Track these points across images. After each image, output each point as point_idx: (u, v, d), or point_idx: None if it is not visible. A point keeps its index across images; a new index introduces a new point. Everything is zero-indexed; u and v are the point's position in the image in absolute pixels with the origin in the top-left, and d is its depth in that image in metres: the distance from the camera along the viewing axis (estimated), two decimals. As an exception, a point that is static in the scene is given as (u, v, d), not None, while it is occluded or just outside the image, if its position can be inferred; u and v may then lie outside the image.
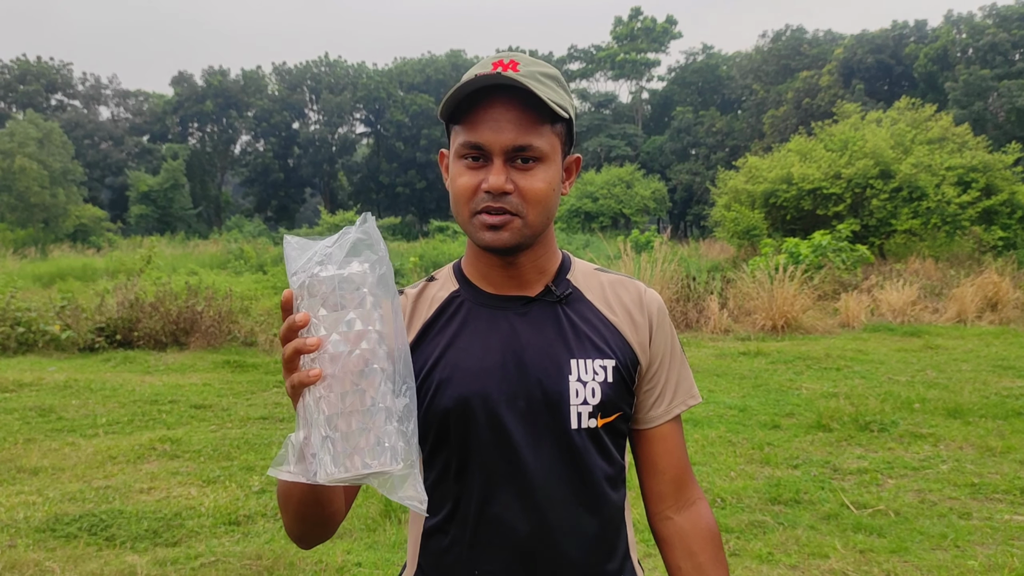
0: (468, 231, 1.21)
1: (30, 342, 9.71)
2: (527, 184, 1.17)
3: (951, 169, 20.23)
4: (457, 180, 1.19)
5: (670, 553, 1.31)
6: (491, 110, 1.16)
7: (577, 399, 1.22)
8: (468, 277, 1.31)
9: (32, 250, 29.49)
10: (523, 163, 1.17)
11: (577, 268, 1.34)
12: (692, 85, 58.99)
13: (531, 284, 1.28)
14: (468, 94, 1.15)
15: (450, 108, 1.17)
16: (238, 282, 17.61)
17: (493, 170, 1.16)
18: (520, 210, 1.18)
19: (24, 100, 55.73)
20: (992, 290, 11.91)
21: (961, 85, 39.40)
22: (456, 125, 1.20)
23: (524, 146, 1.16)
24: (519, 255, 1.25)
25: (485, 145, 1.16)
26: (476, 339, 1.25)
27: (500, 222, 1.17)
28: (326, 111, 61.33)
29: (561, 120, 1.20)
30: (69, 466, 5.29)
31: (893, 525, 4.15)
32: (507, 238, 1.18)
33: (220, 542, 4.06)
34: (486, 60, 1.20)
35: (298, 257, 0.97)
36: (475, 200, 1.18)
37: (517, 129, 1.15)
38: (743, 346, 9.67)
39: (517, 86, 1.13)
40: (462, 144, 1.18)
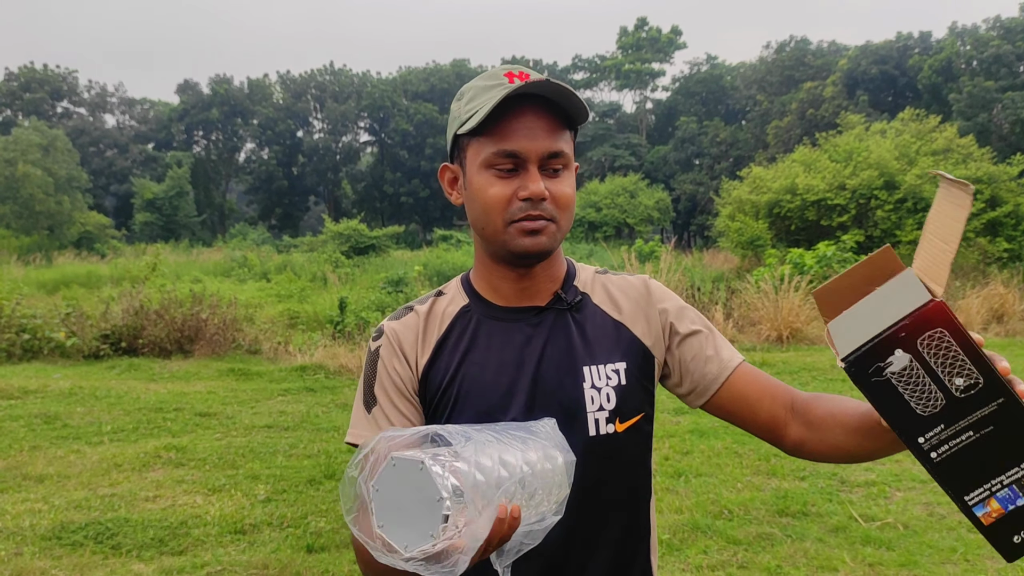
0: (500, 240, 1.21)
1: (35, 349, 9.72)
2: (559, 190, 1.19)
3: (956, 180, 20.21)
4: (488, 191, 1.19)
5: (819, 434, 1.19)
6: (523, 118, 1.16)
7: (593, 406, 1.23)
8: (478, 290, 1.31)
9: (37, 257, 29.55)
10: (554, 171, 1.19)
11: (582, 273, 1.35)
12: (696, 95, 59.06)
13: (542, 294, 1.29)
14: (501, 103, 1.15)
15: (482, 117, 1.16)
16: (242, 290, 17.61)
17: (531, 178, 1.17)
18: (555, 215, 1.19)
19: (30, 108, 55.96)
20: (998, 302, 11.88)
21: (965, 97, 39.41)
22: (479, 137, 1.19)
23: (557, 152, 1.18)
24: (537, 265, 1.26)
25: (521, 152, 1.16)
26: (491, 354, 1.26)
27: (540, 227, 1.18)
28: (330, 119, 61.49)
29: (573, 128, 1.23)
30: (74, 474, 5.29)
31: (902, 538, 4.13)
32: (545, 243, 1.20)
33: (226, 551, 4.05)
34: (493, 72, 1.21)
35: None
36: (511, 209, 1.18)
37: (550, 136, 1.17)
38: (748, 356, 9.61)
39: (548, 94, 1.16)
40: (494, 154, 1.17)
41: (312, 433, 6.42)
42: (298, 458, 5.71)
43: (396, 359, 1.28)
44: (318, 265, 22.85)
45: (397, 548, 0.90)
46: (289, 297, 16.22)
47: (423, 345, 1.29)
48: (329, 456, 5.69)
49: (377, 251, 28.16)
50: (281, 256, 28.34)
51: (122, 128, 62.63)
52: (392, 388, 1.27)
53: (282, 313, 13.30)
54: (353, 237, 28.27)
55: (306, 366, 9.09)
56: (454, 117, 1.24)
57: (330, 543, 4.16)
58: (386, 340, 1.29)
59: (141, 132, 62.07)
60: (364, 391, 1.29)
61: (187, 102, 59.78)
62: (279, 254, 30.15)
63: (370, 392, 1.28)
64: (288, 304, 14.65)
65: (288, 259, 25.95)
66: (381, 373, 1.28)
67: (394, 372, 1.27)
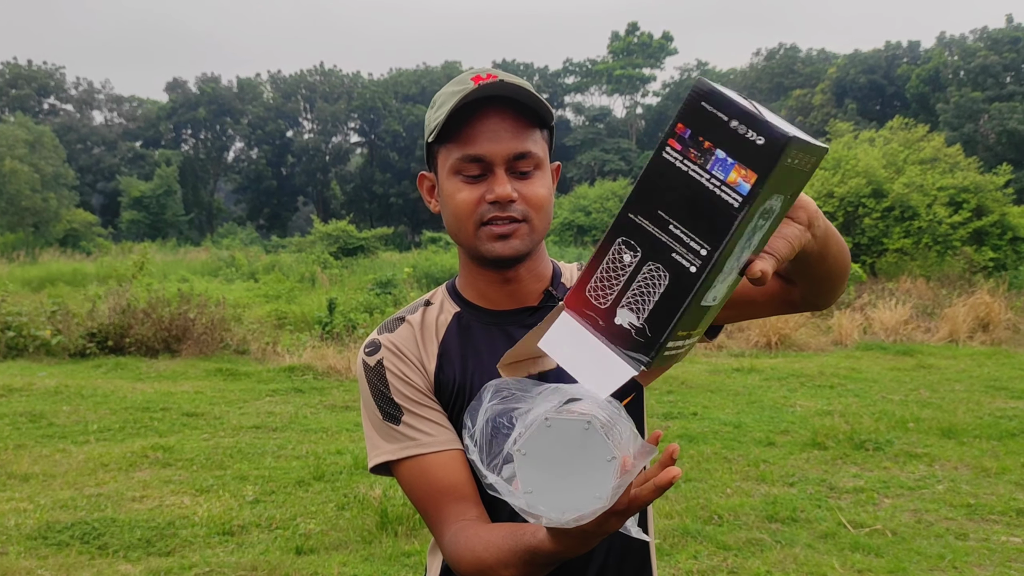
0: (474, 245, 1.20)
1: (20, 347, 9.63)
2: (530, 191, 1.17)
3: (943, 189, 20.35)
4: (456, 196, 1.18)
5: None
6: (487, 121, 1.15)
7: None
8: (467, 298, 1.30)
9: (20, 254, 29.32)
10: (523, 172, 1.17)
11: (566, 270, 1.35)
12: (686, 101, 59.26)
13: (532, 294, 1.28)
14: (459, 109, 1.14)
15: (443, 124, 1.15)
16: (230, 290, 17.53)
17: (497, 180, 1.15)
18: (527, 215, 1.18)
19: (16, 104, 55.56)
20: (984, 311, 11.95)
21: (952, 107, 39.75)
22: (446, 143, 1.18)
23: (524, 153, 1.16)
24: (519, 267, 1.25)
25: (486, 156, 1.15)
26: (494, 358, 1.24)
27: (509, 231, 1.17)
28: (320, 120, 61.37)
29: (547, 127, 1.21)
30: (60, 473, 5.25)
31: (890, 545, 4.15)
32: (517, 245, 1.18)
33: (214, 552, 4.03)
34: (461, 77, 1.20)
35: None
36: (479, 212, 1.17)
37: (515, 137, 1.15)
38: (737, 362, 9.68)
39: (509, 95, 1.14)
40: (459, 159, 1.16)
41: (300, 434, 6.39)
42: (286, 459, 5.68)
43: (406, 366, 1.24)
44: (306, 266, 22.77)
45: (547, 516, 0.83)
46: (277, 298, 16.14)
47: (426, 353, 1.26)
48: (318, 458, 5.67)
49: (366, 252, 28.09)
50: (269, 256, 28.23)
51: (110, 125, 62.32)
52: (413, 392, 1.23)
53: (270, 313, 13.24)
54: (342, 238, 28.20)
55: (294, 367, 9.05)
56: (426, 125, 1.23)
57: (319, 545, 4.14)
58: (387, 351, 1.26)
59: (129, 130, 61.75)
60: (380, 406, 1.24)
61: (175, 100, 59.55)
62: (267, 254, 30.04)
63: (390, 404, 1.23)
64: (276, 305, 14.58)
65: (276, 259, 25.85)
66: (394, 381, 1.24)
67: (407, 377, 1.24)
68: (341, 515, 4.54)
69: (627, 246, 0.84)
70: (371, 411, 1.25)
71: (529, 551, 0.98)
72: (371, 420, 1.25)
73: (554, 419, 0.84)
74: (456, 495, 1.17)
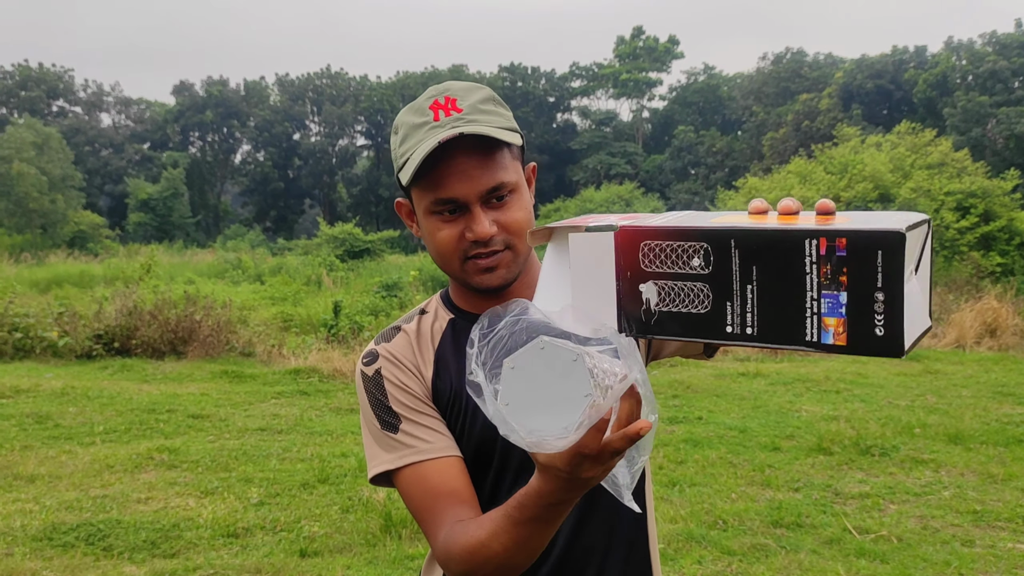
0: (461, 278, 1.22)
1: (27, 348, 9.67)
2: (508, 218, 1.18)
3: (950, 194, 20.30)
4: (437, 235, 1.18)
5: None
6: (454, 162, 1.14)
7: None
8: (461, 307, 1.31)
9: (27, 255, 29.44)
10: (498, 200, 1.17)
11: None
12: (693, 105, 59.26)
13: None
14: (426, 156, 1.12)
15: (412, 170, 1.13)
16: (236, 292, 17.57)
17: (475, 219, 1.15)
18: (509, 243, 1.18)
19: (25, 106, 55.85)
20: (991, 316, 11.90)
21: (960, 111, 39.62)
22: (417, 184, 1.17)
23: (496, 186, 1.16)
24: (511, 286, 1.25)
25: (459, 198, 1.15)
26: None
27: (494, 263, 1.18)
28: (327, 123, 61.51)
29: (515, 143, 1.21)
30: (66, 474, 5.26)
31: (896, 551, 4.13)
32: (504, 275, 1.20)
33: (219, 554, 4.03)
34: (419, 104, 1.18)
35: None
36: (462, 248, 1.18)
37: (485, 173, 1.15)
38: (742, 367, 9.65)
39: (472, 134, 1.11)
40: (433, 202, 1.16)
41: (305, 437, 6.40)
42: (291, 461, 5.68)
43: (402, 373, 1.26)
44: (312, 268, 22.82)
45: (513, 431, 0.84)
46: (283, 300, 16.18)
47: (423, 361, 1.27)
48: (322, 460, 5.67)
49: (372, 255, 28.13)
50: (275, 259, 28.30)
51: (118, 128, 62.56)
52: (411, 400, 1.24)
53: (276, 316, 13.27)
54: (348, 241, 28.25)
55: (300, 369, 9.06)
56: (392, 154, 1.22)
57: (323, 548, 4.14)
58: (384, 360, 1.27)
59: (137, 132, 61.99)
60: (378, 415, 1.25)
61: (183, 103, 59.75)
62: (273, 256, 30.11)
63: (387, 412, 1.24)
64: (282, 307, 14.62)
65: (282, 262, 25.92)
66: (392, 390, 1.25)
67: (405, 385, 1.25)
68: (345, 518, 4.54)
69: (706, 256, 0.83)
70: (370, 421, 1.26)
71: (518, 505, 0.98)
72: (370, 430, 1.26)
73: (548, 343, 0.84)
74: (454, 499, 1.16)
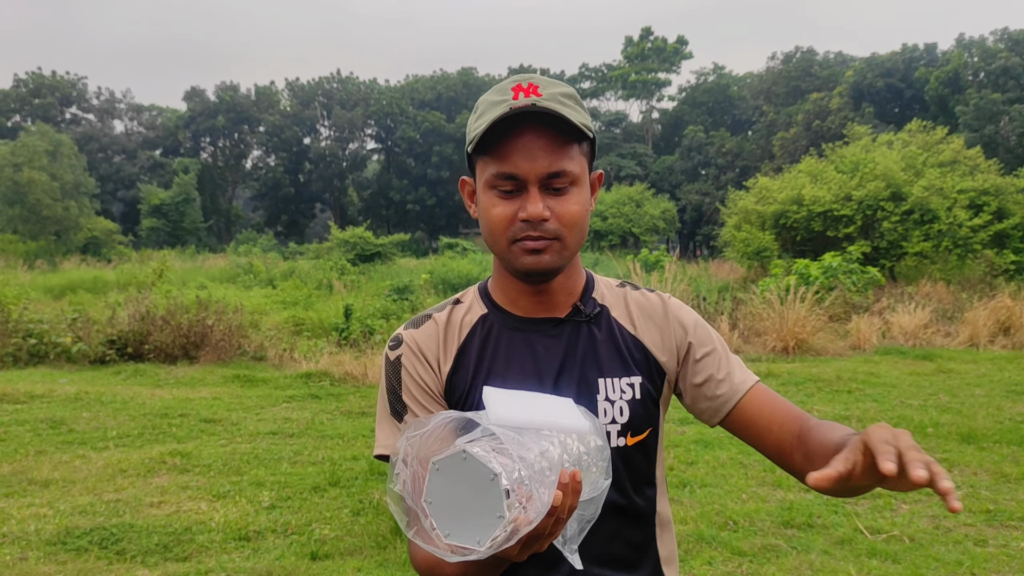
0: (507, 258, 1.21)
1: (41, 354, 9.74)
2: (563, 209, 1.18)
3: (963, 192, 20.18)
4: (492, 211, 1.19)
5: (813, 465, 1.12)
6: (522, 138, 1.15)
7: (605, 418, 1.23)
8: (496, 301, 1.32)
9: (41, 262, 29.65)
10: (557, 188, 1.17)
11: (601, 285, 1.35)
12: (703, 105, 59.16)
13: (560, 306, 1.29)
14: (496, 124, 1.14)
15: (479, 139, 1.16)
16: (248, 296, 17.65)
17: (530, 199, 1.16)
18: (559, 234, 1.18)
19: (39, 113, 56.28)
20: (1005, 314, 11.83)
21: (972, 109, 39.40)
22: (483, 156, 1.19)
23: (558, 172, 1.16)
24: (552, 280, 1.25)
25: (520, 175, 1.16)
26: (512, 364, 1.26)
27: (541, 247, 1.18)
28: (337, 127, 61.72)
29: (586, 139, 1.21)
30: (80, 479, 5.29)
31: (908, 551, 4.11)
32: (548, 261, 1.19)
33: (230, 558, 4.05)
34: (503, 85, 1.20)
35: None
36: (512, 229, 1.18)
37: (550, 156, 1.16)
38: (754, 367, 9.62)
39: (545, 112, 1.13)
40: (494, 175, 1.17)
41: (317, 440, 6.42)
42: (303, 465, 5.70)
43: (421, 365, 1.27)
44: (324, 272, 22.90)
45: (472, 547, 0.87)
46: (295, 304, 16.24)
47: (445, 353, 1.28)
48: (334, 463, 5.69)
49: (383, 259, 28.21)
50: (287, 263, 28.42)
51: (130, 134, 62.94)
52: (423, 394, 1.26)
53: (287, 320, 13.31)
54: (359, 244, 28.33)
55: (311, 373, 9.09)
56: (467, 131, 1.24)
57: (334, 550, 4.16)
58: (407, 348, 1.29)
59: (149, 138, 62.36)
60: (390, 400, 1.28)
61: (194, 109, 60.07)
62: (285, 261, 30.23)
63: (398, 400, 1.27)
64: (294, 311, 14.67)
65: (294, 266, 26.02)
66: (407, 381, 1.27)
67: (420, 379, 1.26)
68: (356, 521, 4.55)
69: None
70: (383, 402, 1.29)
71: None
72: (382, 409, 1.29)
73: (469, 455, 0.88)
74: None
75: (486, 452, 0.87)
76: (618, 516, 1.26)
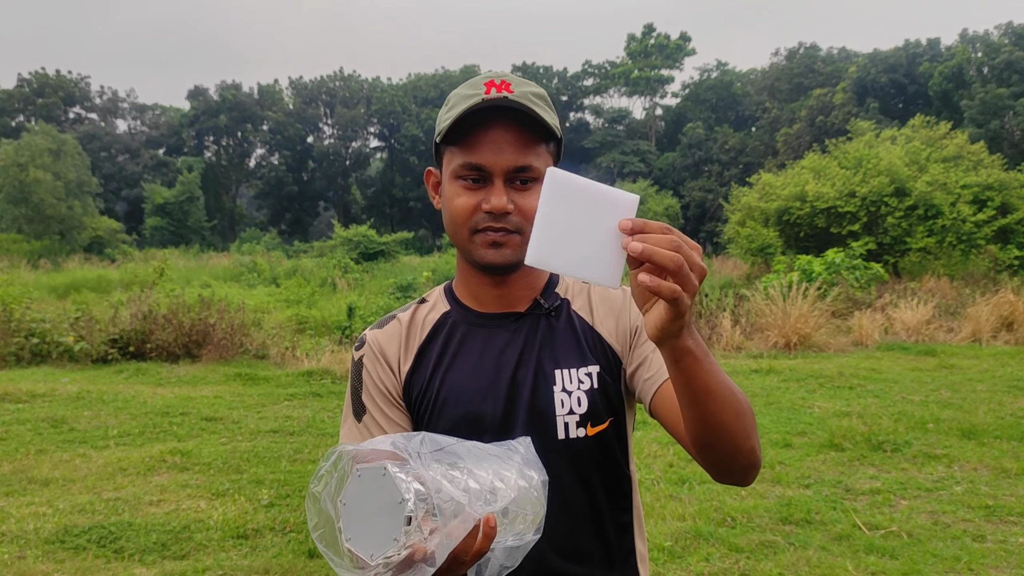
0: (467, 249, 1.22)
1: (44, 353, 9.76)
2: (527, 203, 1.19)
3: (967, 187, 20.12)
4: (455, 200, 1.20)
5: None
6: (491, 132, 1.17)
7: (563, 409, 1.23)
8: (459, 297, 1.34)
9: (46, 261, 29.72)
10: (522, 183, 1.19)
11: (567, 280, 1.34)
12: (706, 102, 59.01)
13: (520, 300, 1.30)
14: (467, 116, 1.16)
15: (449, 129, 1.18)
16: (251, 295, 17.68)
17: (494, 191, 1.17)
18: (521, 227, 1.19)
19: (42, 113, 56.32)
20: (1008, 310, 11.80)
21: (977, 103, 39.25)
22: (451, 146, 1.21)
23: (524, 166, 1.18)
24: (511, 274, 1.27)
25: (486, 166, 1.17)
26: (469, 359, 1.28)
27: (502, 239, 1.19)
28: (340, 125, 61.69)
29: (554, 139, 1.23)
30: (80, 477, 5.31)
31: (906, 547, 4.10)
32: (508, 255, 1.20)
33: (228, 556, 4.06)
34: (476, 80, 1.21)
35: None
36: (474, 219, 1.19)
37: (517, 151, 1.17)
38: (755, 363, 9.62)
39: (516, 107, 1.15)
40: (461, 165, 1.19)
41: (317, 438, 6.43)
42: (302, 463, 5.71)
43: (380, 367, 1.30)
44: (327, 270, 22.94)
45: (364, 558, 0.88)
46: (298, 302, 16.27)
47: (405, 352, 1.31)
48: (333, 461, 5.69)
49: (386, 257, 28.24)
50: (291, 261, 28.46)
51: (133, 133, 62.99)
52: (380, 396, 1.29)
53: (290, 318, 13.34)
54: (362, 243, 28.37)
55: (313, 371, 9.11)
56: (437, 123, 1.26)
57: (332, 548, 4.16)
58: (368, 349, 1.32)
59: (152, 137, 62.38)
60: (352, 401, 1.31)
61: (197, 108, 60.08)
62: (288, 259, 30.27)
63: (358, 401, 1.30)
64: (297, 309, 14.70)
65: (298, 264, 26.06)
66: (367, 382, 1.30)
67: (379, 380, 1.29)
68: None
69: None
70: (347, 401, 1.33)
71: None
72: (346, 408, 1.33)
73: (363, 469, 0.91)
74: None
75: (406, 476, 0.88)
76: (584, 510, 1.26)
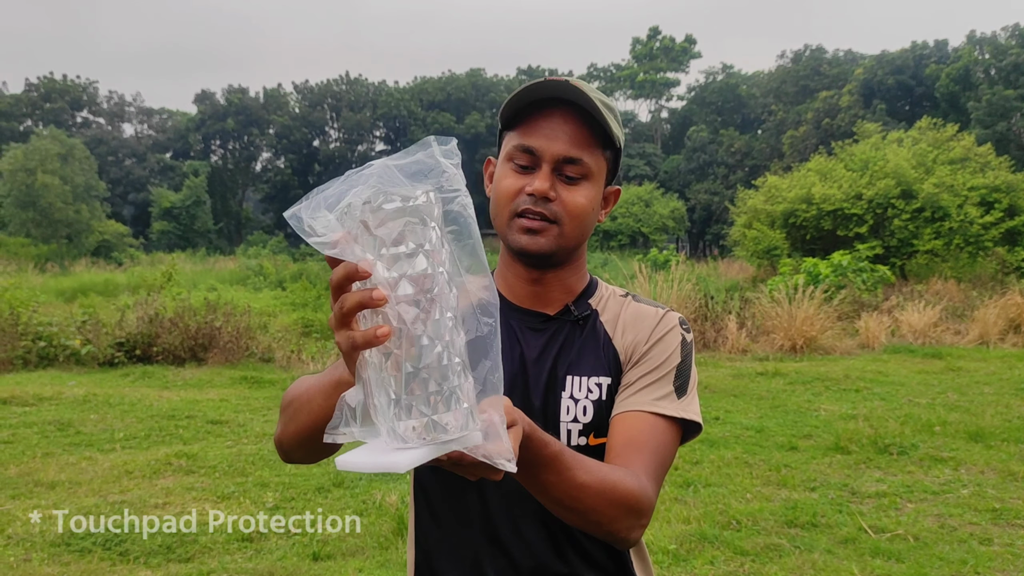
0: (505, 234, 1.22)
1: (51, 356, 9.79)
2: (570, 197, 1.19)
3: (974, 189, 20.07)
4: (502, 182, 1.21)
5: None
6: (550, 120, 1.18)
7: (567, 416, 1.22)
8: (497, 288, 1.31)
9: (53, 265, 29.82)
10: (569, 178, 1.19)
11: (603, 292, 1.33)
12: (711, 104, 58.97)
13: (553, 303, 1.29)
14: (531, 102, 1.18)
15: (512, 111, 1.20)
16: (257, 298, 17.71)
17: (539, 175, 1.18)
18: (559, 218, 1.19)
19: (50, 117, 56.59)
20: (1015, 312, 11.76)
21: (984, 105, 39.15)
22: (510, 131, 1.22)
23: (574, 158, 1.18)
24: (548, 271, 1.26)
25: (537, 150, 1.18)
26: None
27: (538, 227, 1.19)
28: (346, 129, 61.82)
29: (611, 148, 1.23)
30: (86, 480, 5.32)
31: (912, 550, 4.09)
32: (543, 243, 1.20)
33: (233, 558, 4.06)
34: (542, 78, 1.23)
35: (336, 190, 0.80)
36: (516, 202, 1.20)
37: (570, 141, 1.18)
38: (761, 366, 9.59)
39: (579, 103, 1.16)
40: (514, 147, 1.20)
41: (322, 441, 6.43)
42: (307, 466, 5.72)
43: None
44: (333, 274, 22.90)
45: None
46: (304, 306, 16.28)
47: None
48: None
49: (392, 260, 28.19)
50: (297, 264, 28.47)
51: (140, 137, 63.22)
52: None
53: (296, 321, 13.34)
54: (368, 246, 28.32)
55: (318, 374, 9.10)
56: (499, 111, 1.27)
57: (336, 551, 4.16)
58: None
59: (159, 141, 62.61)
60: None
61: (204, 112, 60.29)
62: (295, 262, 30.28)
63: None
64: (303, 312, 14.71)
65: (304, 267, 26.07)
66: None
67: None
68: (358, 522, 4.56)
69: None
70: None
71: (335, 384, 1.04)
72: None
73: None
74: None
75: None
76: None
